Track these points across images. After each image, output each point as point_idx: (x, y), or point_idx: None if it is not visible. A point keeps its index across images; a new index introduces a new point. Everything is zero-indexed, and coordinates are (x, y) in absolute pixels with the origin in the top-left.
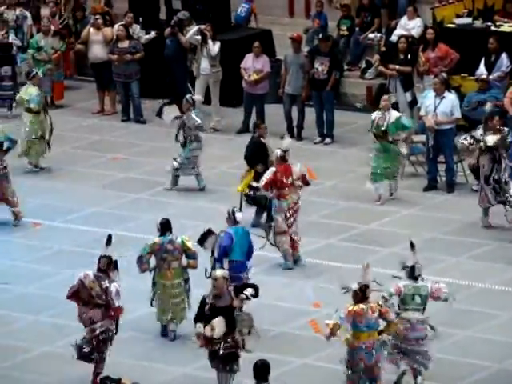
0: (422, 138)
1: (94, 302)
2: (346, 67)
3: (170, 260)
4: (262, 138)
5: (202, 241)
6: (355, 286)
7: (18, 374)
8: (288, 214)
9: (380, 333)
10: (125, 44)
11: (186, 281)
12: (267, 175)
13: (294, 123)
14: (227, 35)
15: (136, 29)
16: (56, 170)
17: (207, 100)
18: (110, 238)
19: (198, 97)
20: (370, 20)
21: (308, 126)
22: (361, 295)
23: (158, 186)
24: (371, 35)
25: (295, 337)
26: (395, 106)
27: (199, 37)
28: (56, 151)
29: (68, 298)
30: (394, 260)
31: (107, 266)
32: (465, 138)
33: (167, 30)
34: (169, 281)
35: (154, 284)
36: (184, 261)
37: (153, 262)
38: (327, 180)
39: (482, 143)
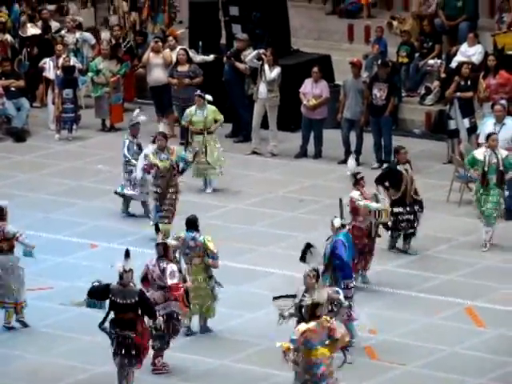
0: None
1: (155, 284)
2: (404, 93)
3: (192, 256)
4: (400, 164)
5: (303, 258)
6: (308, 302)
7: None
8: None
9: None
10: (184, 68)
11: (210, 278)
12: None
13: (352, 148)
14: (286, 60)
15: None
16: (112, 193)
17: (265, 124)
18: (157, 226)
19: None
20: (431, 46)
21: (366, 152)
22: (310, 313)
23: (214, 210)
24: (431, 61)
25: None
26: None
27: (259, 61)
28: (114, 173)
29: (141, 282)
30: (449, 287)
31: (164, 252)
32: None
33: (225, 58)
34: (191, 276)
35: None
36: (207, 260)
37: None
38: None
39: None
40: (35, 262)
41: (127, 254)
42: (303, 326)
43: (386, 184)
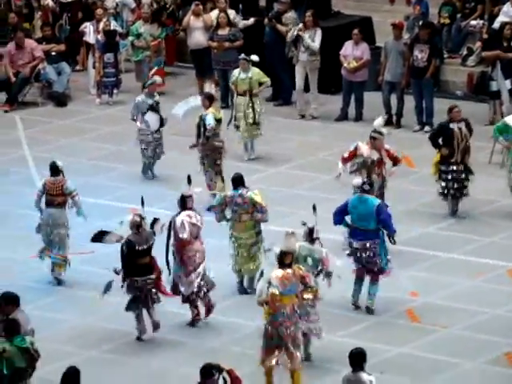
0: None
1: (199, 232)
2: (446, 54)
3: (240, 213)
4: (452, 122)
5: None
6: (277, 250)
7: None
8: None
9: (298, 296)
10: (224, 31)
11: (257, 234)
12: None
13: (393, 111)
14: (327, 22)
15: (231, 14)
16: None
17: (306, 87)
18: (189, 178)
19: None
20: (473, 6)
21: (407, 114)
22: (280, 260)
23: (254, 174)
24: (473, 22)
25: (392, 326)
26: None
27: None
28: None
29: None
30: (491, 249)
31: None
32: None
33: (266, 20)
34: (241, 233)
35: (230, 236)
36: (256, 214)
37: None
38: (426, 168)
39: None
40: (76, 226)
41: (143, 202)
42: (279, 272)
43: (439, 141)
